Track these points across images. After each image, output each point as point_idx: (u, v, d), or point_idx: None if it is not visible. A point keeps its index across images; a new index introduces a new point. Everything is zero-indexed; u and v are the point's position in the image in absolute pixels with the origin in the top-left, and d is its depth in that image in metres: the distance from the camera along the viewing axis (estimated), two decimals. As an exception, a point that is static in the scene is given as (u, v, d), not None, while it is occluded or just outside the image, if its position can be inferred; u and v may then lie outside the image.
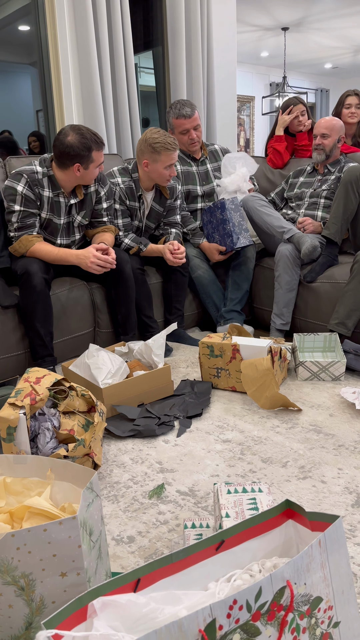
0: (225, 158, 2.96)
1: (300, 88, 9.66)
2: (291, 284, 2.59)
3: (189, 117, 2.78)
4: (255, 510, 1.06)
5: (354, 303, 2.32)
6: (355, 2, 6.11)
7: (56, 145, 2.18)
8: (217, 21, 4.09)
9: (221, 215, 2.71)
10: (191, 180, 2.91)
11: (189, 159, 2.94)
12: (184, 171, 2.90)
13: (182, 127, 2.81)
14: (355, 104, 3.16)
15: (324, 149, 2.81)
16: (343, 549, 0.82)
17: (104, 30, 3.32)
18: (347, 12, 6.46)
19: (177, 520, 1.35)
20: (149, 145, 2.43)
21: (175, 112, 2.80)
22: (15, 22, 4.41)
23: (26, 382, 1.50)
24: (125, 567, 1.19)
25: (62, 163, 2.20)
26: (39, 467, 1.08)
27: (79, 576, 0.87)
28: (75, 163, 2.18)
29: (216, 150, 3.05)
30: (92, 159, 2.20)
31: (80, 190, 2.33)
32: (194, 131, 2.83)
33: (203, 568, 0.85)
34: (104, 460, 1.65)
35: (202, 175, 2.95)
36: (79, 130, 2.16)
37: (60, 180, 2.25)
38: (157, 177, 2.52)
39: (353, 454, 1.63)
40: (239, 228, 2.68)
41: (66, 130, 2.16)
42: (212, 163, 3.00)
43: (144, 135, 2.47)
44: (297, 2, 6.07)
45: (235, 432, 1.79)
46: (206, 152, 2.98)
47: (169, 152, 2.44)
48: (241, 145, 9.37)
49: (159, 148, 2.42)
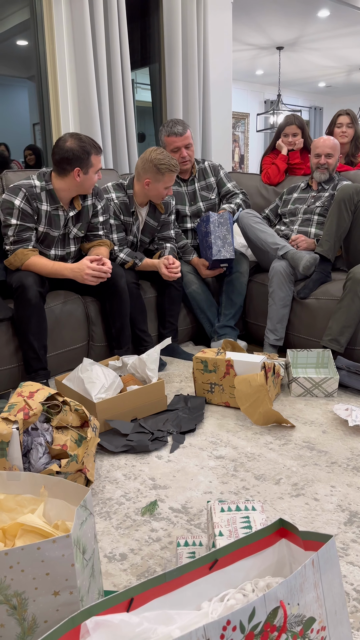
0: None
1: (295, 106, 9.80)
2: (285, 300, 2.61)
3: (180, 135, 2.79)
4: (248, 528, 1.06)
5: (346, 320, 2.34)
6: (348, 24, 6.23)
7: (55, 152, 2.21)
8: (213, 39, 4.16)
9: (205, 228, 2.73)
10: (180, 201, 2.93)
11: (179, 179, 2.95)
12: (174, 191, 2.92)
13: (174, 144, 2.81)
14: (346, 123, 3.22)
15: (328, 168, 2.84)
16: (336, 568, 0.82)
17: (101, 46, 3.37)
18: (340, 33, 6.59)
19: (169, 537, 1.35)
20: (154, 165, 2.45)
21: (167, 130, 2.80)
22: (14, 37, 4.46)
23: (19, 397, 1.50)
24: (117, 585, 1.19)
25: (62, 169, 2.22)
26: (33, 484, 1.08)
27: (72, 595, 0.87)
28: (75, 167, 2.20)
29: (205, 169, 3.02)
30: (92, 163, 2.23)
31: (78, 201, 2.35)
32: (185, 149, 2.82)
33: (196, 587, 0.85)
34: (96, 476, 1.65)
35: (190, 195, 2.95)
36: (77, 136, 2.21)
37: (60, 191, 2.26)
38: (154, 195, 2.55)
39: (346, 471, 1.63)
40: (222, 241, 2.67)
41: (65, 137, 2.21)
42: (200, 182, 2.98)
43: (148, 154, 2.47)
44: (291, 23, 6.18)
45: (229, 448, 1.79)
46: (195, 171, 2.97)
47: (172, 173, 2.48)
48: (236, 161, 9.47)
49: (163, 169, 2.44)
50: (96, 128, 3.41)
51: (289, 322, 2.67)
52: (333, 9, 5.67)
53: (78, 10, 3.27)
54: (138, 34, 4.19)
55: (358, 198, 2.53)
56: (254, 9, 5.70)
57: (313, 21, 6.13)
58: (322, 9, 5.68)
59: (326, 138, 2.83)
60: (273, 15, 5.89)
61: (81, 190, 2.29)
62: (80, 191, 2.30)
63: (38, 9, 3.37)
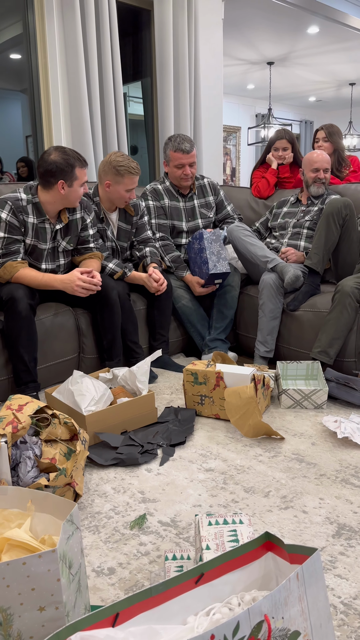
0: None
1: (285, 119, 9.92)
2: (275, 312, 2.63)
3: (187, 152, 2.81)
4: (236, 542, 1.06)
5: (335, 332, 2.36)
6: (337, 40, 6.34)
7: (40, 165, 2.23)
8: (204, 54, 4.22)
9: (199, 245, 2.75)
10: (177, 216, 2.94)
11: (177, 194, 2.95)
12: (171, 206, 2.93)
13: (179, 161, 2.83)
14: (322, 138, 3.31)
15: (325, 182, 2.88)
16: (321, 582, 0.83)
17: (93, 60, 3.40)
18: (329, 49, 6.70)
19: (158, 551, 1.34)
20: (112, 167, 2.50)
21: (175, 145, 2.82)
22: (7, 51, 4.50)
23: (8, 410, 1.50)
24: (105, 600, 1.18)
25: (46, 182, 2.23)
26: (20, 498, 1.07)
27: (58, 610, 0.86)
28: (59, 180, 2.21)
29: (205, 186, 3.04)
30: (76, 176, 2.24)
31: (65, 214, 2.36)
32: (189, 167, 2.85)
33: (182, 601, 0.85)
34: (85, 489, 1.64)
35: (189, 212, 2.97)
36: (62, 149, 2.23)
37: (46, 204, 2.28)
38: (116, 198, 2.58)
39: (334, 484, 1.64)
40: (216, 257, 2.70)
41: (49, 150, 2.23)
42: (200, 199, 3.00)
43: (108, 157, 2.54)
44: (282, 39, 6.28)
45: (219, 460, 1.80)
46: (194, 187, 3.00)
47: (132, 176, 2.51)
48: (227, 174, 9.55)
49: (122, 171, 2.49)
50: (88, 140, 3.43)
51: (278, 334, 2.68)
52: (322, 25, 5.77)
53: (70, 24, 3.31)
54: (130, 48, 4.24)
55: (346, 212, 2.56)
56: (245, 25, 5.79)
57: (303, 37, 6.24)
58: (311, 25, 5.78)
59: (319, 153, 2.88)
60: (264, 31, 5.99)
61: (67, 203, 2.31)
62: (66, 204, 2.31)
63: (31, 23, 3.41)
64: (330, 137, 3.29)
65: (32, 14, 3.40)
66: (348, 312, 2.34)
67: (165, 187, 2.93)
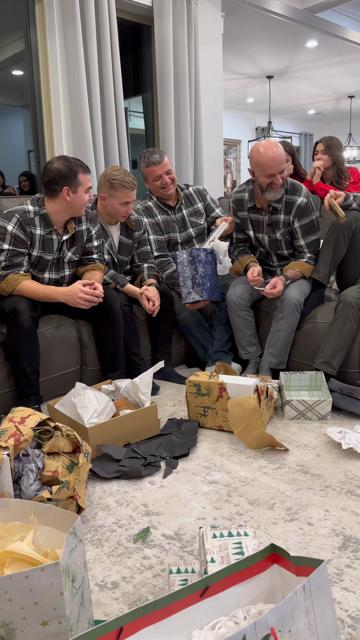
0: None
1: (285, 132, 10.00)
2: (294, 326, 2.56)
3: (158, 163, 2.79)
4: (241, 554, 1.05)
5: (338, 342, 2.35)
6: (336, 54, 6.41)
7: (44, 174, 2.26)
8: (204, 69, 4.26)
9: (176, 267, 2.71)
10: (171, 229, 2.94)
11: (166, 208, 2.94)
12: (163, 220, 2.92)
13: (154, 174, 2.81)
14: (321, 150, 3.33)
15: (283, 184, 2.52)
16: (328, 594, 0.81)
17: (95, 75, 3.44)
18: (328, 62, 6.77)
19: (162, 565, 1.33)
20: (107, 180, 2.53)
21: (145, 161, 2.81)
22: (10, 67, 4.55)
23: (11, 422, 1.49)
24: (108, 614, 1.16)
25: (52, 190, 2.26)
26: (22, 511, 1.06)
27: (61, 625, 0.85)
28: (64, 186, 2.24)
29: (191, 194, 3.02)
30: (80, 182, 2.27)
31: (71, 225, 2.38)
32: (166, 175, 2.83)
33: (187, 615, 0.84)
34: (88, 502, 1.63)
35: (180, 223, 2.96)
36: (64, 157, 2.27)
37: (53, 214, 2.29)
38: (113, 212, 2.59)
39: (340, 495, 1.62)
40: (192, 281, 2.61)
41: (52, 160, 2.27)
42: (188, 208, 2.99)
43: (105, 171, 2.58)
44: (281, 53, 6.35)
45: (222, 472, 1.78)
46: (181, 198, 2.97)
47: (126, 190, 2.52)
48: (228, 187, 9.60)
49: (116, 185, 2.51)
50: (90, 155, 3.46)
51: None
52: (321, 39, 5.84)
53: (71, 41, 3.35)
54: (131, 63, 4.29)
55: (356, 225, 2.53)
56: (244, 40, 5.86)
57: (302, 51, 6.30)
58: (310, 39, 5.84)
59: (272, 151, 2.44)
60: (263, 45, 6.06)
61: (73, 210, 2.32)
62: (72, 212, 2.33)
63: (33, 40, 3.46)
64: (328, 150, 3.30)
65: (34, 31, 3.45)
66: (351, 322, 2.33)
67: (154, 202, 2.93)
